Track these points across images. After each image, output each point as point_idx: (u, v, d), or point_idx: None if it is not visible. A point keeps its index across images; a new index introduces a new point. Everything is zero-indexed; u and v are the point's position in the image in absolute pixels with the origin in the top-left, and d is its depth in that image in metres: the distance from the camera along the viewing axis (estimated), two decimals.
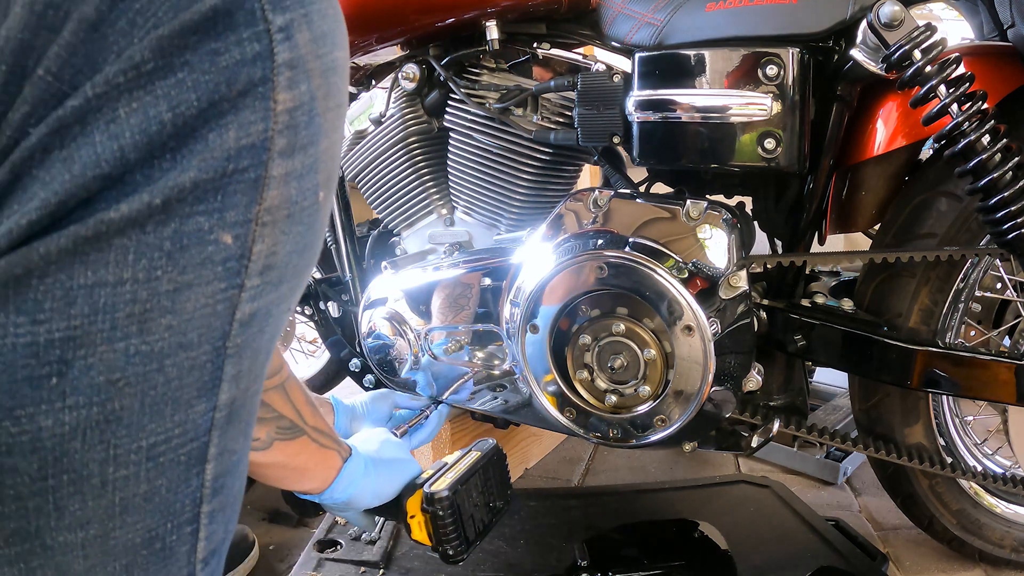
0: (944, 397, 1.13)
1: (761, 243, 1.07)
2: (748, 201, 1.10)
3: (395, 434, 1.05)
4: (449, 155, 1.23)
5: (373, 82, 1.38)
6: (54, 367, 0.34)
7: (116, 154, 0.34)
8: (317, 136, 0.40)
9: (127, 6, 0.33)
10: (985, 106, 0.88)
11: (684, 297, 0.92)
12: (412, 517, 0.90)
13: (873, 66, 0.92)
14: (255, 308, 0.39)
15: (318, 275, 1.81)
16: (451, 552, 0.89)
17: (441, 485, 0.89)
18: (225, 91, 0.35)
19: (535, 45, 1.17)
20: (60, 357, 0.34)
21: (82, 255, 0.34)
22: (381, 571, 1.10)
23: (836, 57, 0.98)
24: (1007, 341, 1.18)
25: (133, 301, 0.35)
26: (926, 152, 1.06)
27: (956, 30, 1.35)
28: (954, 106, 0.88)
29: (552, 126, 1.13)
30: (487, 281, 1.12)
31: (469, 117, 1.18)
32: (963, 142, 0.88)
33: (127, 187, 0.34)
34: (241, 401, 0.41)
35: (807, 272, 1.10)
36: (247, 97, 0.36)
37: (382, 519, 1.05)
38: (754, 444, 1.05)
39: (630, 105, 1.03)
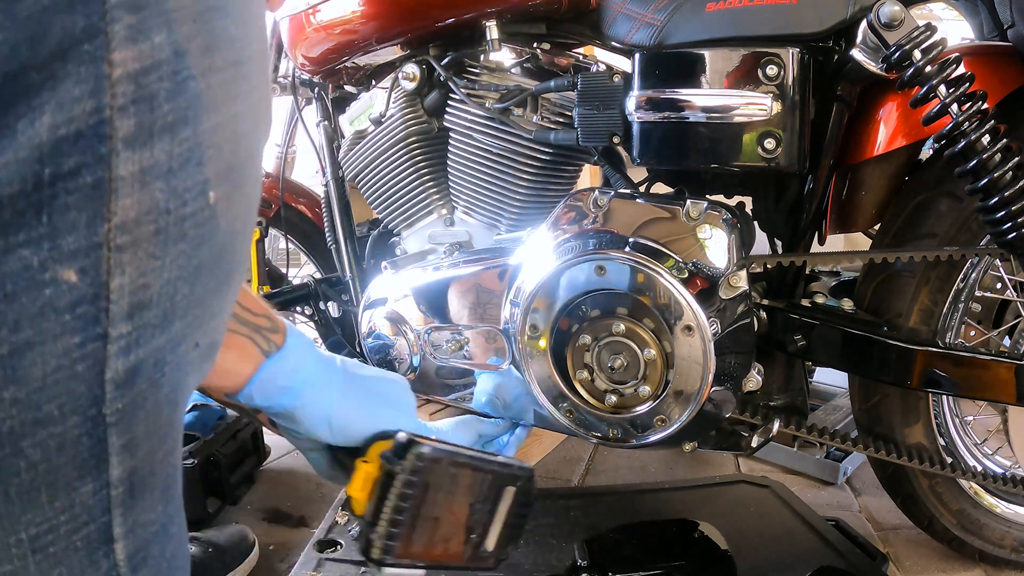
0: (944, 397, 1.13)
1: (761, 243, 1.07)
2: (748, 201, 1.10)
3: None
4: (449, 155, 1.23)
5: (373, 82, 1.38)
6: None
7: None
8: (193, 110, 0.29)
9: None
10: (985, 106, 0.88)
11: (684, 297, 0.92)
12: (364, 462, 0.61)
13: (873, 66, 0.92)
14: (133, 361, 0.30)
15: (318, 275, 1.82)
16: (377, 542, 0.60)
17: (428, 448, 0.61)
18: (28, 54, 0.24)
19: (535, 45, 1.17)
20: None
21: None
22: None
23: (836, 57, 0.98)
24: (1007, 341, 1.18)
25: None
26: (926, 152, 1.06)
27: (956, 30, 1.35)
28: (954, 106, 0.88)
29: (552, 126, 1.13)
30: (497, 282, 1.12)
31: (469, 117, 1.18)
32: (963, 142, 0.88)
33: None
34: (147, 470, 0.33)
35: (807, 272, 1.10)
36: (66, 61, 0.25)
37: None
38: (754, 444, 1.05)
39: (630, 105, 1.03)
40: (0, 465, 0.29)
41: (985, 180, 0.88)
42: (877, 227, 1.10)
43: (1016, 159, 0.88)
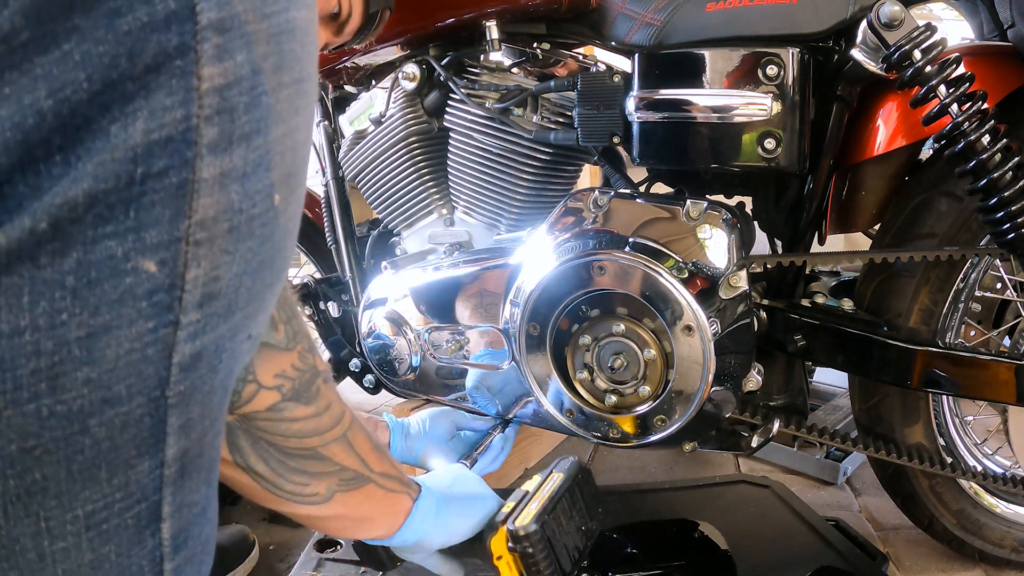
0: (944, 397, 1.13)
1: (761, 243, 1.07)
2: (748, 201, 1.10)
3: (466, 465, 0.99)
4: (449, 155, 1.23)
5: (373, 82, 1.38)
6: None
7: None
8: (265, 121, 0.31)
9: None
10: (985, 106, 0.88)
11: (684, 297, 0.92)
12: (499, 559, 0.80)
13: (873, 66, 0.92)
14: (199, 347, 0.32)
15: (318, 275, 1.81)
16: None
17: (526, 519, 0.80)
18: (127, 66, 0.27)
19: (535, 45, 1.17)
20: None
21: None
22: (381, 572, 1.10)
23: (836, 57, 0.98)
24: (1007, 341, 1.18)
25: (37, 353, 0.28)
26: (926, 152, 1.06)
27: (956, 30, 1.35)
28: (954, 106, 0.88)
29: (552, 126, 1.13)
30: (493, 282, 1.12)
31: (469, 117, 1.18)
32: (963, 142, 0.88)
33: (6, 204, 0.26)
34: (196, 451, 0.35)
35: (807, 272, 1.10)
36: (159, 73, 0.27)
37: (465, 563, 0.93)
38: (754, 444, 1.05)
39: (630, 105, 1.02)
40: (67, 442, 0.30)
41: (985, 180, 0.88)
42: (877, 227, 1.10)
43: (1016, 159, 0.88)
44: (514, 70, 1.22)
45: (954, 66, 0.88)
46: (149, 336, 0.30)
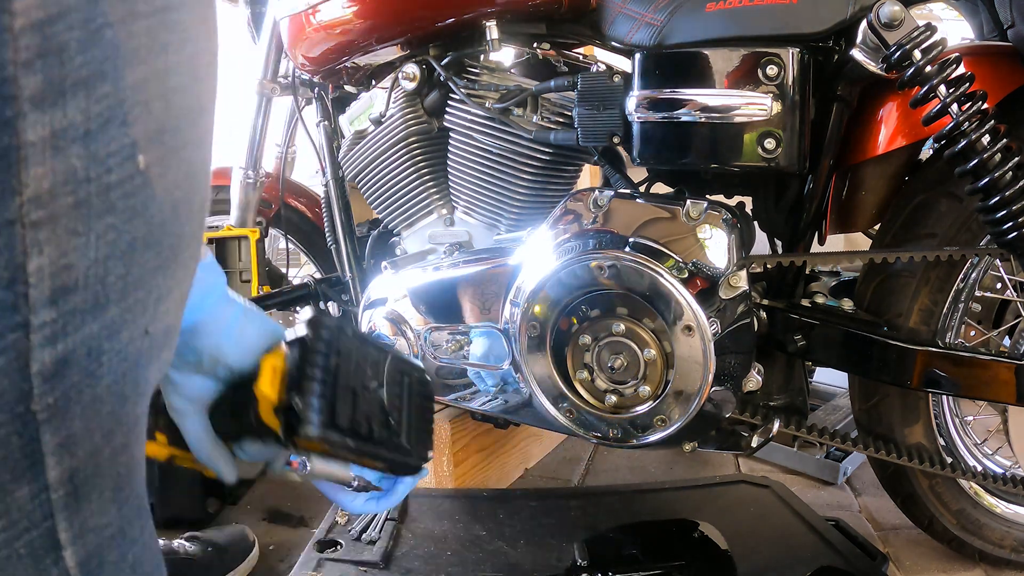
0: (944, 397, 1.13)
1: (761, 243, 1.07)
2: (748, 201, 1.10)
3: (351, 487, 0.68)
4: (449, 155, 1.23)
5: (373, 82, 1.38)
6: None
7: None
8: (112, 62, 0.25)
9: None
10: (985, 106, 0.88)
11: (684, 297, 0.92)
12: (265, 361, 0.58)
13: (873, 66, 0.92)
14: (62, 351, 0.27)
15: (318, 275, 1.82)
16: (304, 414, 0.55)
17: (330, 318, 0.59)
18: None
19: (535, 45, 1.17)
20: None
21: None
22: (381, 570, 1.10)
23: (836, 57, 0.98)
24: (1007, 341, 1.18)
25: None
26: (926, 152, 1.06)
27: (956, 30, 1.35)
28: (954, 106, 0.88)
29: (552, 126, 1.13)
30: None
31: (469, 117, 1.18)
32: (963, 142, 0.88)
33: None
34: (90, 470, 0.30)
35: (807, 272, 1.10)
36: None
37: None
38: (754, 444, 1.05)
39: (630, 105, 1.02)
40: None
41: (985, 180, 0.88)
42: (877, 227, 1.10)
43: (1016, 159, 0.88)
44: (514, 70, 1.22)
45: (954, 66, 0.88)
46: None
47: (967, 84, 0.88)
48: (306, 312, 0.59)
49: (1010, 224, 0.88)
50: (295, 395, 0.56)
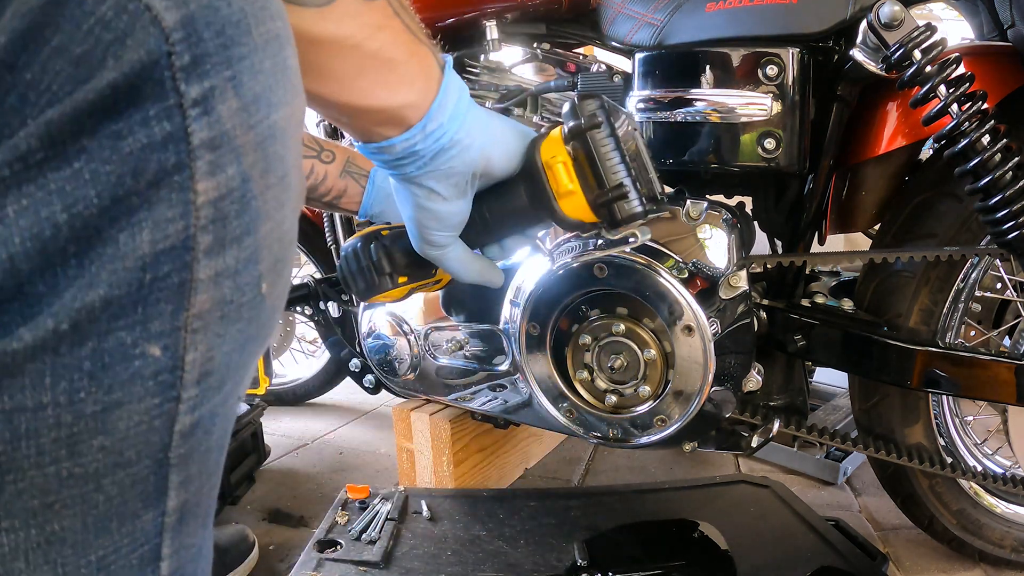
0: (944, 397, 1.13)
1: (761, 243, 1.07)
2: (748, 201, 1.10)
3: None
4: None
5: None
6: None
7: (4, 264, 0.29)
8: (254, 223, 0.35)
9: (15, 79, 0.28)
10: (985, 106, 0.88)
11: (684, 297, 0.92)
12: (552, 161, 0.60)
13: (873, 66, 0.93)
14: (196, 417, 0.36)
15: (318, 275, 1.82)
16: (626, 191, 0.59)
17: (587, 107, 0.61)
18: (131, 184, 0.30)
19: (535, 45, 1.17)
20: None
21: None
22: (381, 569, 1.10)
23: (836, 57, 0.98)
24: (1007, 341, 1.18)
25: (58, 425, 0.32)
26: (926, 152, 1.06)
27: (956, 30, 1.35)
28: (954, 106, 0.88)
29: None
30: None
31: None
32: (963, 142, 0.88)
33: (28, 301, 0.30)
34: (195, 501, 0.39)
35: (807, 272, 1.10)
36: (160, 188, 0.31)
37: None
38: (754, 444, 1.05)
39: (630, 105, 1.03)
40: (83, 499, 0.34)
41: (985, 180, 0.88)
42: (877, 227, 1.10)
43: (1016, 159, 0.88)
44: (514, 70, 1.22)
45: (954, 66, 0.88)
46: (155, 410, 0.34)
47: (967, 84, 0.88)
48: (569, 104, 0.61)
49: (1010, 224, 0.88)
50: (612, 182, 0.59)
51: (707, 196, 1.02)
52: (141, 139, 0.30)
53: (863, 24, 0.91)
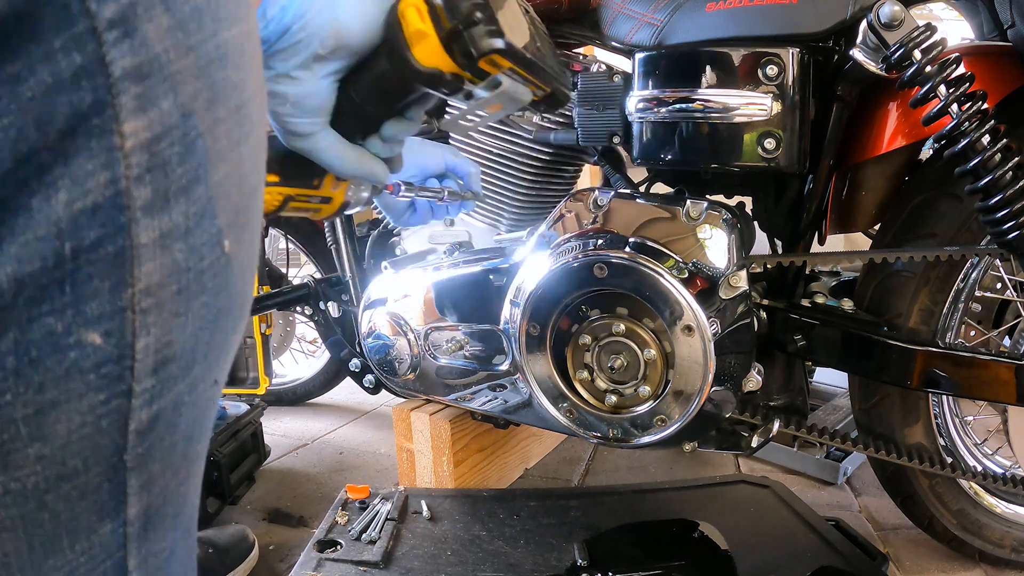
0: (944, 397, 1.13)
1: (761, 243, 1.07)
2: (748, 201, 1.10)
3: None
4: None
5: None
6: None
7: None
8: (204, 168, 0.29)
9: None
10: (985, 106, 0.88)
11: (684, 297, 0.92)
12: (405, 5, 0.54)
13: (873, 66, 0.92)
14: (155, 411, 0.31)
15: (318, 275, 1.82)
16: (479, 18, 0.52)
17: None
18: (37, 136, 0.25)
19: None
20: None
21: None
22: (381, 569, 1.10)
23: (836, 57, 0.98)
24: (1007, 341, 1.18)
25: None
26: (926, 152, 1.06)
27: (956, 30, 1.35)
28: (954, 106, 0.88)
29: (552, 126, 1.13)
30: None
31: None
32: (963, 142, 0.88)
33: None
34: (159, 503, 0.34)
35: (807, 272, 1.10)
36: (76, 136, 0.25)
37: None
38: (754, 444, 1.05)
39: (630, 105, 1.03)
40: (24, 520, 0.29)
41: (985, 180, 0.88)
42: (877, 227, 1.10)
43: (1016, 159, 0.88)
44: None
45: (954, 66, 0.88)
46: (101, 408, 0.29)
47: (967, 84, 0.88)
48: None
49: (1010, 224, 0.88)
50: (465, 11, 0.52)
51: (707, 196, 1.02)
52: (45, 79, 0.24)
53: (863, 24, 0.91)
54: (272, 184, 0.64)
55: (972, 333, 1.21)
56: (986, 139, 0.88)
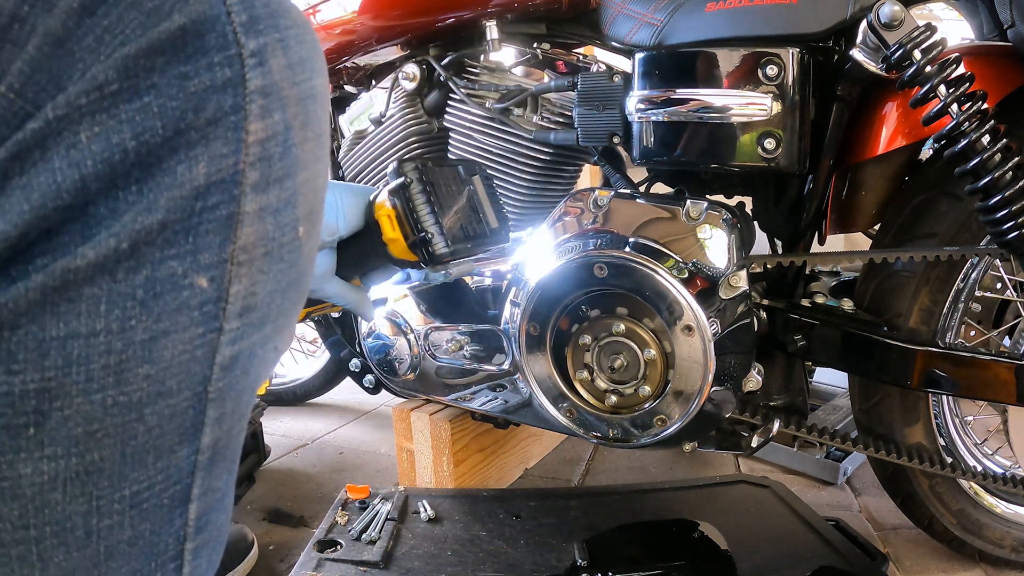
0: (944, 397, 1.13)
1: (761, 243, 1.07)
2: (748, 201, 1.10)
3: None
4: (449, 155, 1.23)
5: (373, 82, 1.38)
6: (30, 417, 0.33)
7: (77, 184, 0.32)
8: (294, 168, 0.38)
9: (95, 22, 0.31)
10: (985, 106, 0.88)
11: (684, 297, 0.92)
12: (380, 215, 0.76)
13: (873, 66, 0.93)
14: (236, 351, 0.38)
15: None
16: (434, 239, 0.75)
17: (409, 162, 0.77)
18: (193, 119, 0.33)
19: (535, 45, 1.17)
20: (36, 408, 0.33)
21: (52, 306, 0.32)
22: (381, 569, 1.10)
23: (836, 57, 0.98)
24: (1007, 341, 1.18)
25: (108, 352, 0.34)
26: (926, 152, 1.06)
27: (956, 30, 1.35)
28: (954, 106, 0.88)
29: (552, 126, 1.13)
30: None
31: (469, 117, 1.18)
32: (963, 142, 0.88)
33: (91, 221, 0.32)
34: (225, 442, 0.40)
35: (807, 272, 1.10)
36: (217, 127, 0.34)
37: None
38: (754, 444, 1.05)
39: (630, 105, 1.02)
40: (124, 429, 0.35)
41: (985, 180, 0.88)
42: (877, 227, 1.10)
43: (1016, 159, 0.88)
44: (514, 70, 1.22)
45: (954, 66, 0.88)
46: (198, 340, 0.36)
47: (967, 84, 0.88)
48: (392, 166, 0.77)
49: (1010, 224, 0.88)
50: (421, 230, 0.74)
51: (707, 196, 1.02)
52: (205, 81, 0.33)
53: (863, 24, 0.91)
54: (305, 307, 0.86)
55: (972, 333, 1.21)
56: (986, 139, 0.88)
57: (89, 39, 0.31)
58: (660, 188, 1.15)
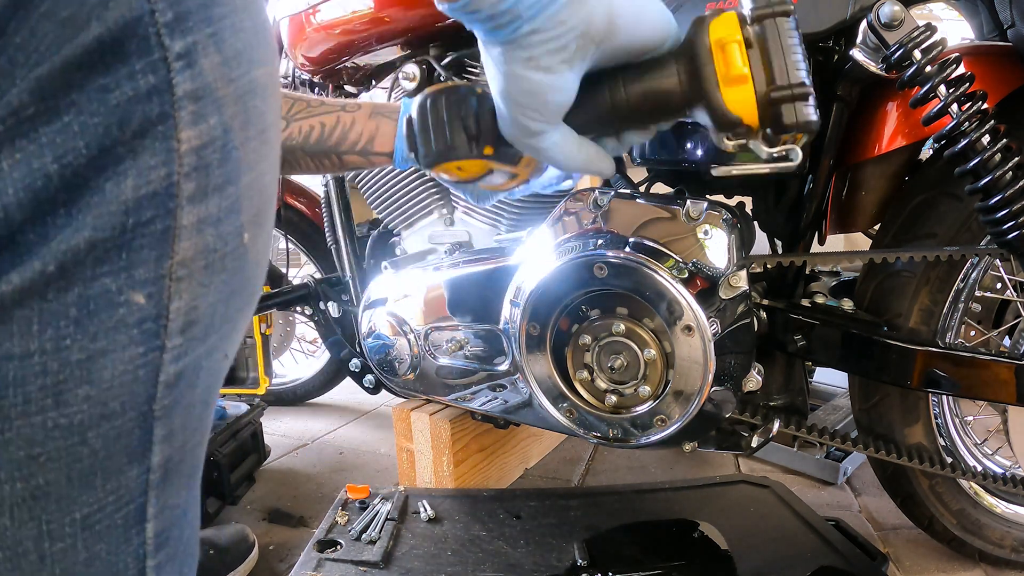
0: (944, 397, 1.13)
1: (761, 243, 1.07)
2: (748, 201, 1.10)
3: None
4: None
5: (373, 82, 1.38)
6: None
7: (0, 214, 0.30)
8: (235, 173, 0.36)
9: (6, 42, 0.29)
10: (985, 106, 0.88)
11: (684, 297, 0.92)
12: (726, 39, 0.51)
13: (873, 66, 0.92)
14: (181, 368, 0.37)
15: (318, 275, 1.82)
16: (806, 93, 0.51)
17: None
18: (118, 134, 0.32)
19: None
20: None
21: None
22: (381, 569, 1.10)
23: (836, 57, 0.98)
24: (1007, 341, 1.18)
25: (44, 373, 0.33)
26: (926, 152, 1.06)
27: (956, 30, 1.35)
28: (954, 106, 0.88)
29: None
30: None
31: None
32: (963, 142, 0.88)
33: (19, 250, 0.31)
34: (178, 458, 0.39)
35: (807, 272, 1.10)
36: (144, 138, 0.32)
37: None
38: (754, 444, 1.05)
39: None
40: (68, 452, 0.34)
41: (985, 180, 0.88)
42: (877, 227, 1.10)
43: (1016, 159, 0.88)
44: None
45: (954, 66, 0.88)
46: (140, 359, 0.35)
47: (967, 84, 0.88)
48: None
49: (1010, 224, 0.88)
50: (796, 79, 0.49)
51: (707, 196, 1.02)
52: (127, 91, 0.31)
53: (863, 24, 0.91)
54: (486, 157, 0.62)
55: (972, 333, 1.21)
56: (986, 139, 0.88)
57: (2, 60, 0.30)
58: (660, 188, 1.15)
